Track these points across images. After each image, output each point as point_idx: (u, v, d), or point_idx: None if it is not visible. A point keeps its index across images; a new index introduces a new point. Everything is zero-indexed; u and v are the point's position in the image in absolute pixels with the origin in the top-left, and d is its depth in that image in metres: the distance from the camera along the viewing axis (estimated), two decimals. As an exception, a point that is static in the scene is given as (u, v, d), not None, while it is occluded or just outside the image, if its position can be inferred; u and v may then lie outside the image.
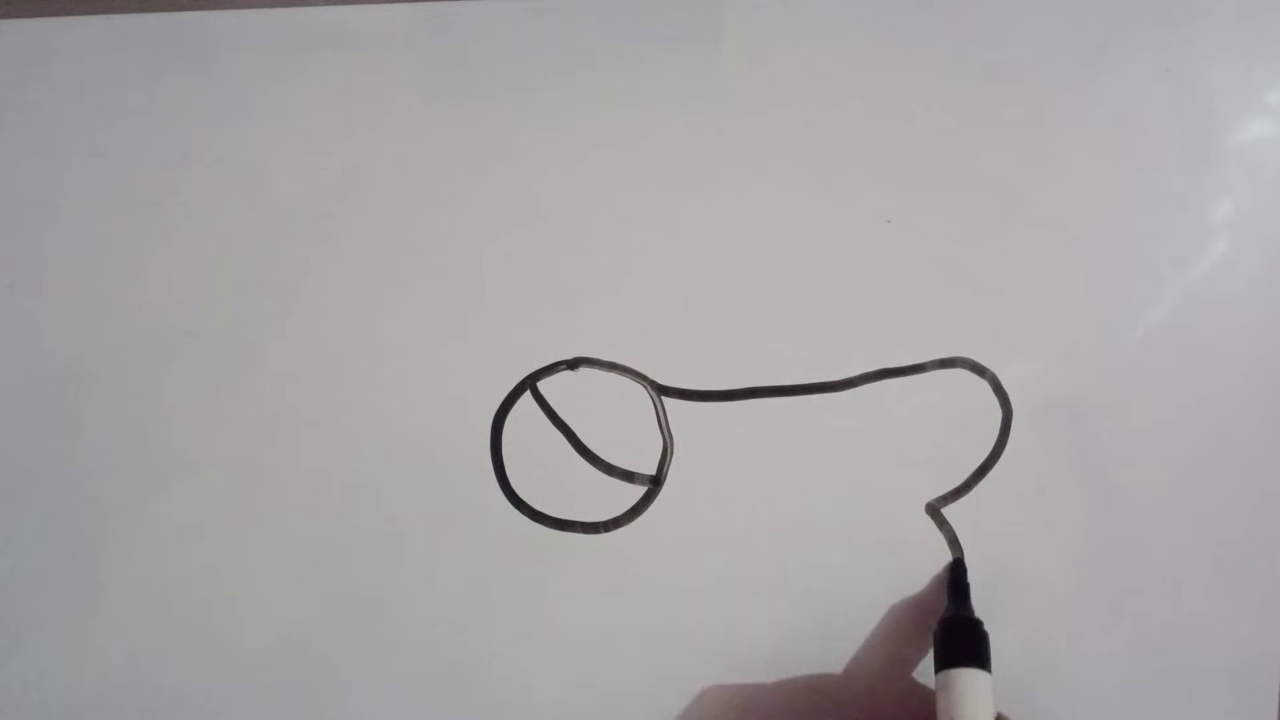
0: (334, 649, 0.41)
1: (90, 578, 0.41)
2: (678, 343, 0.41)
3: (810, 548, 0.41)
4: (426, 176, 0.41)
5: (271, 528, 0.41)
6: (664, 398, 0.41)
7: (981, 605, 0.40)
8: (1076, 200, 0.41)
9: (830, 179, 0.41)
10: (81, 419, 0.41)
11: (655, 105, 0.41)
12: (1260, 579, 0.41)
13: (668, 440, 0.41)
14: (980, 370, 0.41)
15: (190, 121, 0.41)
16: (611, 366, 0.41)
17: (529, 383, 0.41)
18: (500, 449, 0.41)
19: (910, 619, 0.41)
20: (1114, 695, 0.41)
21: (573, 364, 0.41)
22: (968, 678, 0.37)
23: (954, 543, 0.41)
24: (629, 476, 0.41)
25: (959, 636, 0.38)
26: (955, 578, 0.40)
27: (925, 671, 0.41)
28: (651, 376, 0.41)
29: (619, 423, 0.41)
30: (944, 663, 0.38)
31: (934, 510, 0.41)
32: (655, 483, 0.41)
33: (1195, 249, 0.41)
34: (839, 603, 0.41)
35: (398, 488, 0.41)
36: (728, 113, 0.41)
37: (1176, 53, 0.41)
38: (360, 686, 0.41)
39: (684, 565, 0.41)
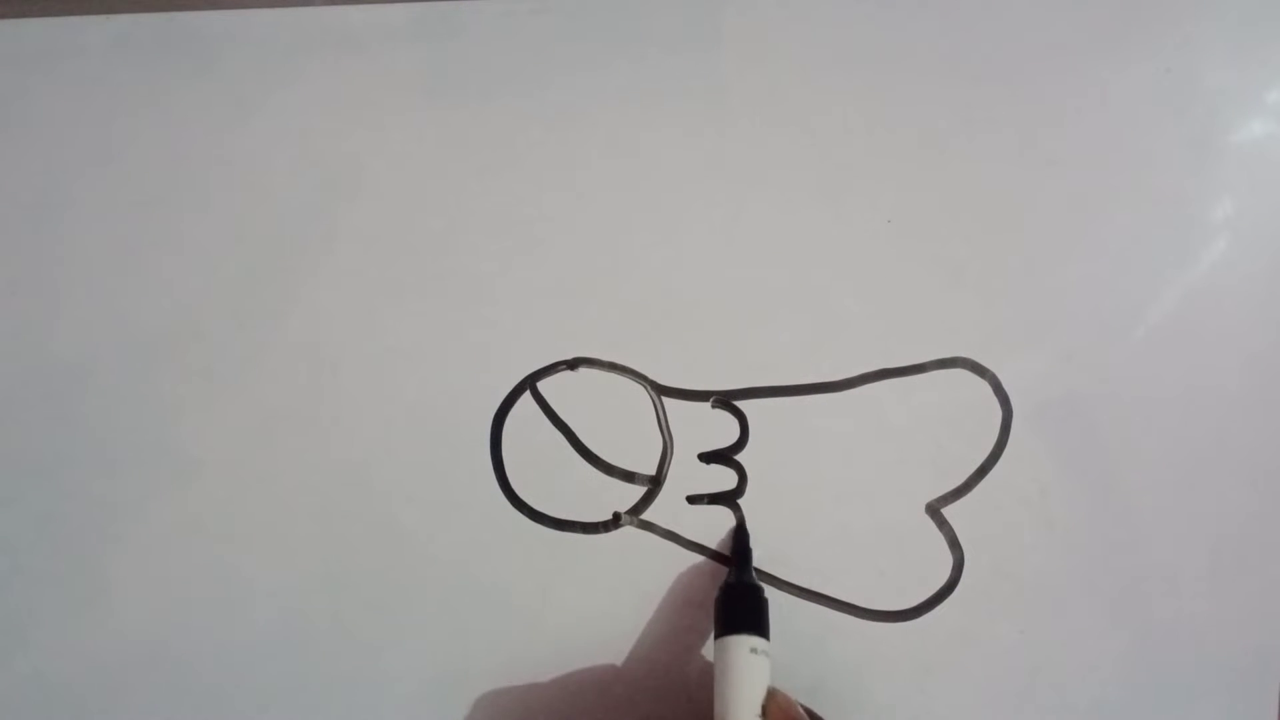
0: (335, 648, 0.41)
1: (91, 577, 0.41)
2: (678, 343, 0.41)
3: (810, 548, 0.41)
4: (426, 176, 0.41)
5: (272, 527, 0.41)
6: (664, 398, 0.41)
7: (982, 605, 0.41)
8: (1076, 200, 0.41)
9: (830, 179, 0.41)
10: (81, 419, 0.41)
11: (655, 105, 0.41)
12: (1260, 579, 0.41)
13: (668, 440, 0.41)
14: (980, 370, 0.41)
15: (190, 121, 0.41)
16: (611, 366, 0.41)
17: (529, 383, 0.41)
18: (500, 449, 0.41)
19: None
20: (1114, 695, 0.41)
21: (573, 364, 0.41)
22: (740, 644, 0.36)
23: (954, 543, 0.41)
24: (629, 476, 0.41)
25: (735, 603, 0.38)
26: (737, 543, 0.40)
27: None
28: (651, 376, 0.41)
29: (619, 423, 0.41)
30: (721, 630, 0.37)
31: (934, 510, 0.41)
32: (655, 483, 0.41)
33: (1195, 249, 0.41)
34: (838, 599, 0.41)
35: (398, 487, 0.41)
36: (728, 113, 0.41)
37: (1176, 53, 0.41)
38: (361, 685, 0.41)
39: (684, 565, 0.41)
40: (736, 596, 0.38)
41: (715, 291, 0.41)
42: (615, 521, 0.41)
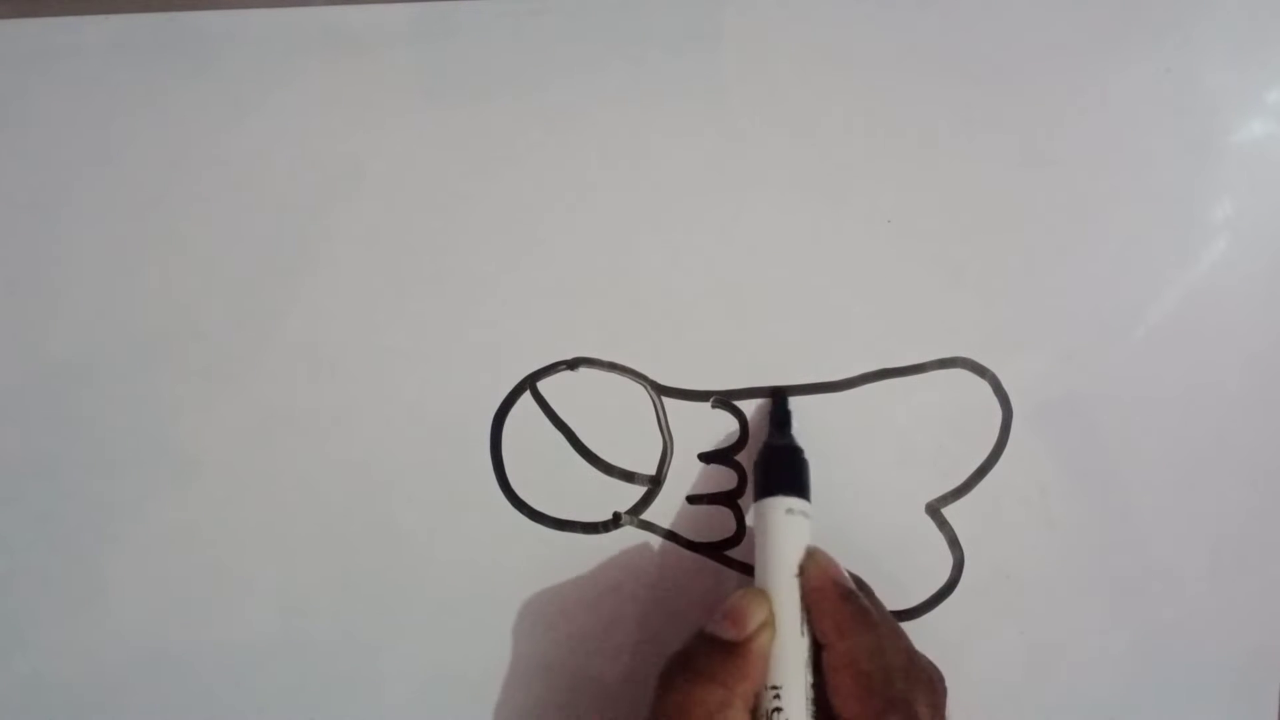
0: (334, 648, 0.41)
1: (90, 577, 0.41)
2: (678, 343, 0.41)
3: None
4: (426, 176, 0.41)
5: (271, 527, 0.41)
6: (664, 398, 0.41)
7: (982, 605, 0.41)
8: (1076, 200, 0.41)
9: (830, 179, 0.41)
10: (81, 419, 0.41)
11: (655, 105, 0.41)
12: (1260, 579, 0.41)
13: (667, 440, 0.41)
14: (980, 370, 0.41)
15: (190, 121, 0.41)
16: (611, 366, 0.41)
17: (529, 383, 0.41)
18: (500, 449, 0.41)
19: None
20: (1114, 695, 0.41)
21: (573, 364, 0.41)
22: (776, 505, 0.36)
23: (954, 543, 0.41)
24: (629, 476, 0.41)
25: (772, 464, 0.38)
26: (776, 404, 0.40)
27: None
28: (651, 376, 0.41)
29: (619, 423, 0.41)
30: (759, 492, 0.37)
31: (934, 510, 0.41)
32: (655, 483, 0.41)
33: (1195, 249, 0.41)
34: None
35: (397, 487, 0.41)
36: (728, 113, 0.41)
37: (1176, 53, 0.41)
38: (360, 686, 0.41)
39: (684, 565, 0.41)
40: (774, 458, 0.38)
41: (715, 291, 0.41)
42: (615, 521, 0.41)
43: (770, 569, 0.35)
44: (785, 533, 0.36)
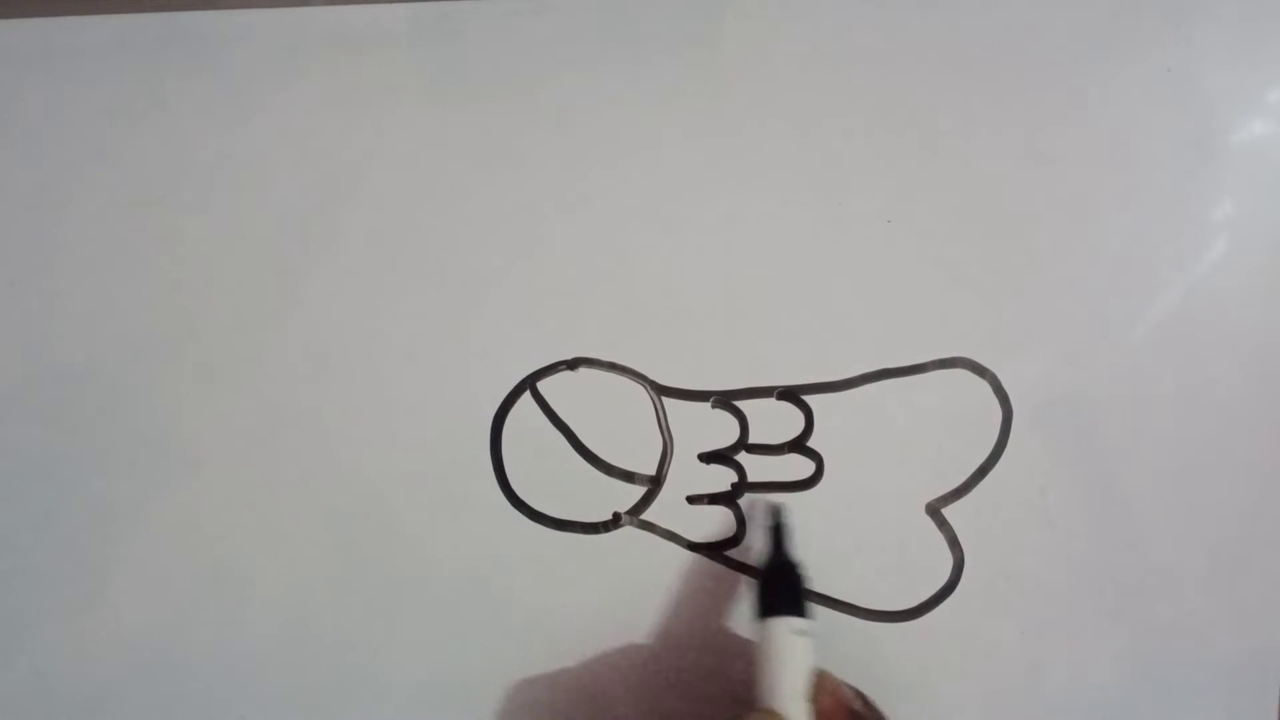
0: (334, 649, 0.41)
1: (91, 577, 0.41)
2: (678, 343, 0.41)
3: (810, 548, 0.41)
4: (427, 176, 0.41)
5: (271, 527, 0.41)
6: (664, 398, 0.41)
7: (982, 605, 0.41)
8: (1076, 200, 0.41)
9: (830, 179, 0.41)
10: (81, 419, 0.41)
11: (655, 105, 0.41)
12: (1260, 579, 0.41)
13: (668, 440, 0.41)
14: (980, 370, 0.41)
15: (190, 121, 0.41)
16: (611, 366, 0.41)
17: (529, 383, 0.41)
18: (500, 449, 0.41)
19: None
20: (1114, 695, 0.41)
21: (573, 364, 0.41)
22: (783, 626, 0.36)
23: (954, 543, 0.41)
24: (629, 476, 0.41)
25: (776, 583, 0.37)
26: (774, 523, 0.39)
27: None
28: (651, 376, 0.41)
29: (619, 423, 0.41)
30: (762, 610, 0.37)
31: (934, 510, 0.41)
32: (655, 483, 0.41)
33: (1195, 249, 0.41)
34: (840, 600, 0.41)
35: (398, 487, 0.41)
36: (728, 113, 0.41)
37: (1176, 53, 0.41)
38: (360, 686, 0.41)
39: (684, 565, 0.41)
40: (778, 576, 0.38)
41: (715, 291, 0.41)
42: (615, 521, 0.41)
43: (780, 692, 0.35)
44: (794, 655, 0.35)
